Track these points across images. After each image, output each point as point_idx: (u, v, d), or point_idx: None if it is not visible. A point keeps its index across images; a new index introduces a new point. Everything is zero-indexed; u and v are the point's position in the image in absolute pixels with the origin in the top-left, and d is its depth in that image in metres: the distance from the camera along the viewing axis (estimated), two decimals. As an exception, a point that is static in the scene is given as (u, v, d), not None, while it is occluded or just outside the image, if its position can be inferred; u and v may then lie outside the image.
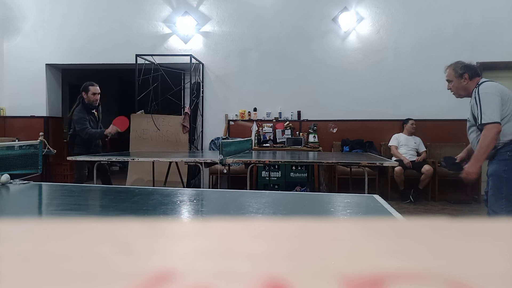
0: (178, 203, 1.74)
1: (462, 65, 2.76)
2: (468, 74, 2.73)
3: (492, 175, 2.62)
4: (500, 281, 0.21)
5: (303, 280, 0.21)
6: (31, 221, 0.31)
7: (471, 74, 2.73)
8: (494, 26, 5.63)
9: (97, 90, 4.04)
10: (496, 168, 2.60)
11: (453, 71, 2.79)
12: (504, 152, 2.57)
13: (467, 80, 2.73)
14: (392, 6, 5.93)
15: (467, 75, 2.73)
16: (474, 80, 2.72)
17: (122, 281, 0.21)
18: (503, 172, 2.55)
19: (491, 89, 2.61)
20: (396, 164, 3.60)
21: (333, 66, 6.02)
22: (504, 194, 2.53)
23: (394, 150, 5.45)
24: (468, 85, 2.73)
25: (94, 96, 4.02)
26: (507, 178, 2.54)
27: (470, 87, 2.73)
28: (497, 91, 2.60)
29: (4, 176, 2.08)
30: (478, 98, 2.59)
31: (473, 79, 2.72)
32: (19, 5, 6.51)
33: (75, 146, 4.04)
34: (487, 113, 2.53)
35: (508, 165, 2.55)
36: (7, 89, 6.57)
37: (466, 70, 2.74)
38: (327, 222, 0.32)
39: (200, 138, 6.23)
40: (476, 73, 2.75)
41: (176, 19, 6.24)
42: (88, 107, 4.05)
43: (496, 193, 2.57)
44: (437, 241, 0.28)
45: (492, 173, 2.62)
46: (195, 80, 6.11)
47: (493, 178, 2.61)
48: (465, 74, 2.73)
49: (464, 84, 2.74)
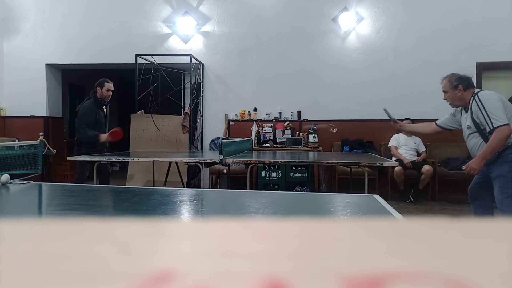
0: (178, 203, 1.74)
1: (457, 77, 2.90)
2: (462, 85, 2.86)
3: (498, 176, 2.74)
4: (500, 281, 0.21)
5: (303, 280, 0.21)
6: (31, 221, 0.31)
7: (465, 86, 2.86)
8: (494, 26, 5.63)
9: (111, 87, 4.21)
10: (501, 169, 2.72)
11: (448, 82, 2.93)
12: (507, 154, 2.71)
13: (462, 91, 2.86)
14: (392, 6, 5.93)
15: (461, 87, 2.86)
16: (468, 90, 2.86)
17: (122, 281, 0.21)
18: (508, 172, 2.69)
19: (492, 96, 2.75)
20: (396, 164, 3.60)
21: (333, 66, 6.02)
22: (510, 193, 2.67)
23: (394, 151, 5.45)
24: (463, 95, 2.86)
25: (107, 92, 4.18)
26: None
27: (465, 97, 2.86)
28: (497, 96, 2.75)
29: (4, 176, 2.08)
30: (481, 105, 2.71)
31: (467, 89, 2.86)
32: (19, 5, 6.51)
33: (83, 145, 4.10)
34: (496, 116, 2.65)
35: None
36: (7, 89, 6.57)
37: (460, 81, 2.87)
38: (327, 222, 0.32)
39: (200, 138, 6.23)
40: (470, 84, 2.89)
41: (176, 19, 6.24)
42: (100, 103, 4.18)
43: (503, 193, 2.70)
44: (437, 241, 0.28)
45: (498, 174, 2.74)
46: (195, 80, 6.11)
47: (499, 179, 2.73)
48: (459, 85, 2.86)
49: (459, 95, 2.88)
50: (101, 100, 4.18)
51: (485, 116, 2.69)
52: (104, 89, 4.15)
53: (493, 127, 2.66)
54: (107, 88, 4.16)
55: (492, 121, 2.66)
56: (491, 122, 2.66)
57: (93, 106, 4.12)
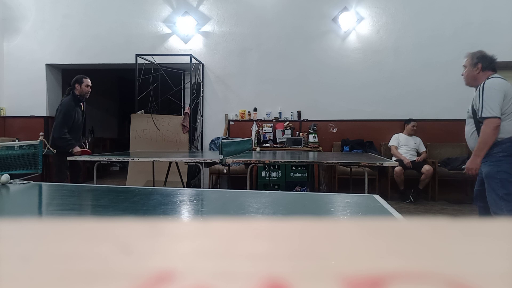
0: (178, 203, 1.74)
1: (479, 55, 2.75)
2: (482, 64, 2.71)
3: (486, 177, 2.64)
4: (500, 281, 0.21)
5: (303, 280, 0.21)
6: (31, 221, 0.31)
7: (484, 66, 2.71)
8: (494, 26, 5.63)
9: (89, 83, 4.18)
10: (489, 170, 2.62)
11: (470, 58, 2.78)
12: (496, 153, 2.59)
13: (479, 71, 2.72)
14: (392, 6, 5.93)
15: (480, 65, 2.72)
16: (486, 72, 2.70)
17: (122, 281, 0.21)
18: (496, 173, 2.58)
19: (496, 85, 2.61)
20: (396, 164, 3.60)
21: (333, 66, 6.02)
22: (501, 195, 2.55)
23: (394, 150, 5.45)
24: (478, 75, 2.72)
25: (87, 88, 4.14)
26: (500, 179, 2.56)
27: (479, 78, 2.72)
28: (502, 87, 2.61)
29: (4, 176, 2.08)
30: (482, 91, 2.60)
31: (485, 71, 2.71)
32: (19, 5, 6.51)
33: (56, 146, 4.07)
34: (488, 107, 2.55)
35: (500, 166, 2.57)
36: (7, 89, 6.58)
37: (480, 60, 2.73)
38: (327, 222, 0.32)
39: (200, 138, 6.23)
40: (490, 67, 2.72)
41: (176, 19, 6.24)
42: (79, 99, 4.15)
43: (494, 195, 2.59)
44: (437, 241, 0.28)
45: (487, 175, 2.64)
46: (195, 80, 6.12)
47: (488, 181, 2.63)
48: (479, 63, 2.72)
49: (475, 73, 2.73)
50: (80, 97, 4.14)
51: (479, 103, 2.59)
52: (83, 85, 4.11)
53: (481, 116, 2.57)
54: (86, 84, 4.13)
55: (483, 110, 2.56)
56: (481, 111, 2.57)
57: (72, 104, 4.08)
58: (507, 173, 2.55)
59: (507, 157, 2.56)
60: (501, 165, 2.56)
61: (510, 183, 2.54)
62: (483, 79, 2.69)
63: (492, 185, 2.60)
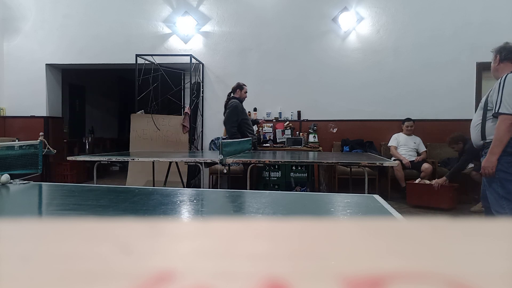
0: (178, 203, 1.74)
1: (499, 47, 2.62)
2: (499, 56, 2.56)
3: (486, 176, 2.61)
4: (500, 281, 0.21)
5: (303, 280, 0.21)
6: (31, 221, 0.31)
7: (502, 57, 2.56)
8: (494, 26, 5.63)
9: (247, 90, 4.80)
10: None
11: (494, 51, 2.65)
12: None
13: (498, 62, 2.59)
14: (392, 6, 5.93)
15: (498, 57, 2.57)
16: (506, 64, 2.55)
17: (122, 281, 0.21)
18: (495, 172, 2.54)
19: None
20: (396, 164, 3.60)
21: (333, 66, 6.02)
22: (501, 194, 2.52)
23: (393, 151, 5.44)
24: (499, 67, 2.58)
25: (245, 94, 4.75)
26: (499, 178, 2.53)
27: (500, 70, 2.57)
28: None
29: (4, 176, 2.08)
30: (502, 85, 2.45)
31: (503, 62, 2.56)
32: (19, 5, 6.51)
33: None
34: (506, 103, 2.41)
35: (499, 165, 2.53)
36: (7, 89, 6.57)
37: (499, 51, 2.58)
38: (327, 222, 0.32)
39: (200, 138, 6.23)
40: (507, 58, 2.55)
41: (176, 19, 6.24)
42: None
43: (494, 194, 2.56)
44: (437, 241, 0.28)
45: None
46: (195, 80, 6.11)
47: (488, 180, 2.61)
48: (497, 55, 2.59)
49: (495, 65, 2.61)
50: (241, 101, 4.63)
51: (498, 98, 2.43)
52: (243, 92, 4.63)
53: (497, 112, 2.43)
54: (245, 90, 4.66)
55: (501, 105, 2.41)
56: (499, 106, 2.42)
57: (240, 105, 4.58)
58: (504, 172, 2.51)
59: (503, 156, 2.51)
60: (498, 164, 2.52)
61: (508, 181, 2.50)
62: (505, 71, 2.53)
63: (492, 185, 2.57)
